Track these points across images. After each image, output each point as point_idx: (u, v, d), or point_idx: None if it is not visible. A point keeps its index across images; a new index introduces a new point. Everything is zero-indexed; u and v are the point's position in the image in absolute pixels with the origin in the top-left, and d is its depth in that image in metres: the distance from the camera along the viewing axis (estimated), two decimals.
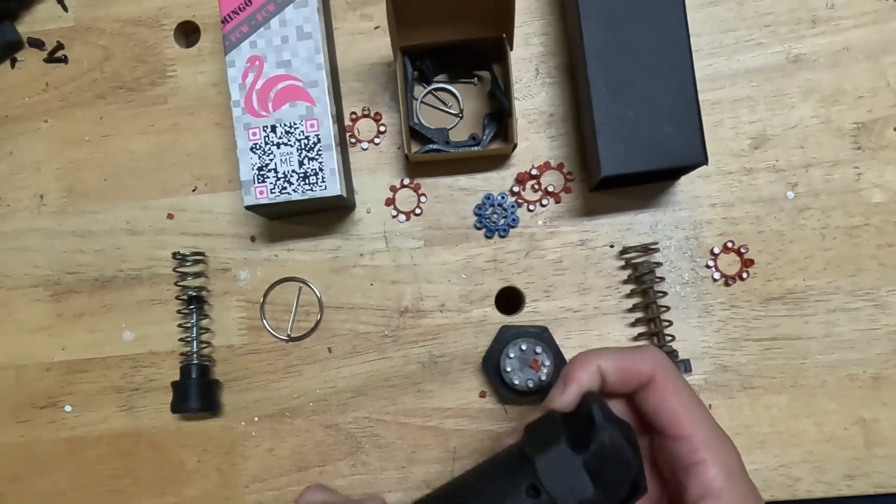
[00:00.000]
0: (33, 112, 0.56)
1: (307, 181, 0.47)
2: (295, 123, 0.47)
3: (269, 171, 0.47)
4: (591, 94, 0.46)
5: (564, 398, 0.36)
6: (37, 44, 0.56)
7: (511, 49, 0.48)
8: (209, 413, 0.53)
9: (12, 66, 0.56)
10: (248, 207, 0.47)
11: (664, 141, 0.46)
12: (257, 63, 0.47)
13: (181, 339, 0.53)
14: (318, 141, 0.47)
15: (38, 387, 0.54)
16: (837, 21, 0.52)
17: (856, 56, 0.52)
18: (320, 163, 0.47)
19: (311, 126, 0.47)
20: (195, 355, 0.52)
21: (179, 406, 0.51)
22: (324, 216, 0.53)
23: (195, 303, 0.52)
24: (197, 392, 0.51)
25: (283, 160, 0.47)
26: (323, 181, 0.47)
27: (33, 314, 0.55)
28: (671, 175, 0.50)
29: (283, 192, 0.47)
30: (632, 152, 0.46)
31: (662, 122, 0.46)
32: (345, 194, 0.48)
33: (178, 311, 0.53)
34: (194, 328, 0.52)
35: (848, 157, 0.51)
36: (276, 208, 0.49)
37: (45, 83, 0.56)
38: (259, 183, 0.47)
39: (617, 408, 0.38)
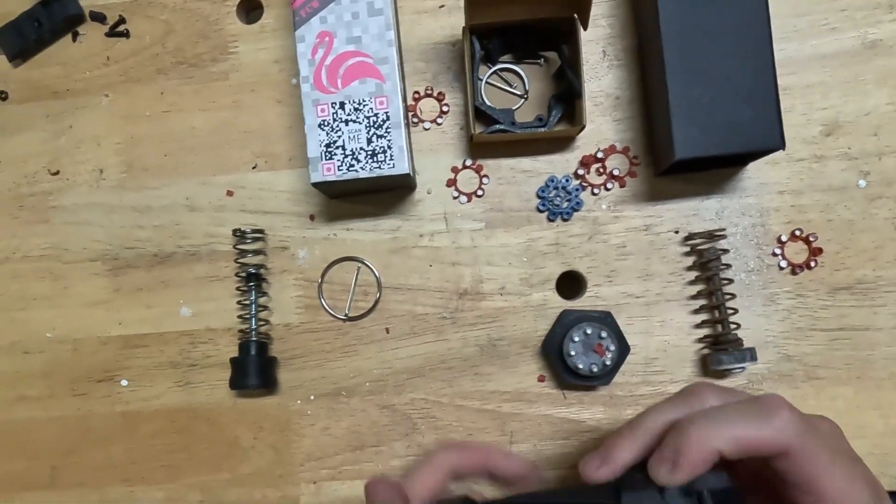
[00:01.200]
0: (94, 86, 0.55)
1: (375, 159, 0.46)
2: (364, 100, 0.46)
3: (337, 147, 0.47)
4: (666, 75, 0.45)
5: (674, 479, 0.32)
6: (98, 17, 0.55)
7: (585, 29, 0.48)
8: (265, 391, 0.53)
9: (74, 39, 0.56)
10: (315, 184, 0.47)
11: (740, 124, 0.45)
12: (327, 39, 0.47)
13: (239, 317, 0.53)
14: (388, 118, 0.46)
15: (94, 360, 0.55)
16: None
17: None
18: (388, 140, 0.46)
19: (381, 103, 0.46)
20: (254, 332, 0.52)
21: (238, 382, 0.51)
22: (384, 196, 0.53)
23: (254, 280, 0.52)
24: (256, 369, 0.51)
25: (352, 137, 0.46)
26: (391, 159, 0.46)
27: (91, 288, 0.55)
28: (741, 160, 0.49)
29: (350, 169, 0.46)
30: (707, 135, 0.45)
31: (739, 106, 0.45)
32: (412, 173, 0.47)
33: (237, 289, 0.53)
34: (253, 305, 0.52)
35: None
36: (341, 186, 0.48)
37: (106, 57, 0.56)
38: (327, 160, 0.47)
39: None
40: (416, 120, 0.53)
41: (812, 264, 0.50)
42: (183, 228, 0.54)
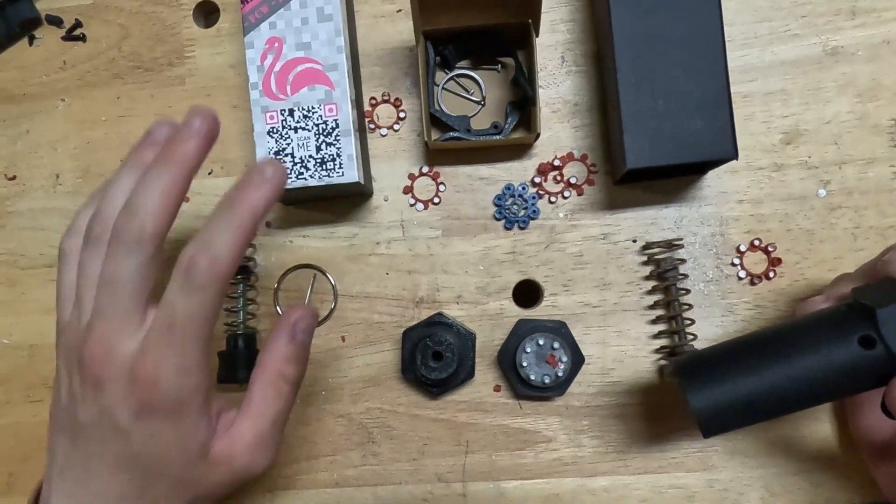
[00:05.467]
0: (50, 90, 0.55)
1: (324, 167, 0.46)
2: (313, 107, 0.46)
3: (286, 155, 0.46)
4: (618, 83, 0.44)
5: None
6: (55, 21, 0.55)
7: (537, 35, 0.47)
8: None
9: (30, 43, 0.55)
10: None
11: (692, 134, 0.44)
12: (276, 45, 0.46)
13: (225, 309, 0.51)
14: (336, 126, 0.46)
15: (51, 367, 0.54)
16: (879, 12, 0.50)
17: None
18: (338, 148, 0.46)
19: (330, 111, 0.46)
20: (241, 325, 0.51)
21: (228, 376, 0.50)
22: (341, 203, 0.52)
23: (242, 273, 0.51)
24: (245, 362, 0.50)
25: (301, 145, 0.46)
26: (340, 167, 0.46)
27: (47, 294, 0.54)
28: (698, 169, 0.49)
29: (299, 177, 0.46)
30: (658, 145, 0.44)
31: (691, 115, 0.44)
32: (362, 181, 0.47)
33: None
34: (241, 299, 0.51)
35: (884, 154, 0.49)
36: (293, 194, 0.48)
37: (62, 61, 0.55)
38: None
39: None
40: (372, 126, 0.52)
41: (771, 275, 0.50)
42: None
